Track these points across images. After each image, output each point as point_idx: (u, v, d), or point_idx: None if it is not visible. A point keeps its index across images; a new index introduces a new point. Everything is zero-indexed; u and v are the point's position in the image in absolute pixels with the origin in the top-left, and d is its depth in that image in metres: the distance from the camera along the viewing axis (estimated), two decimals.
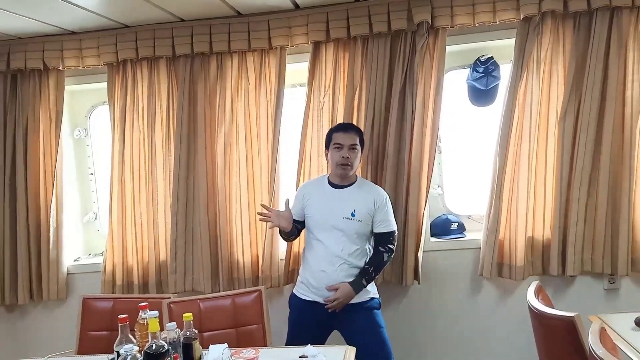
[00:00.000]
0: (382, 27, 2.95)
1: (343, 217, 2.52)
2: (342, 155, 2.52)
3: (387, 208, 2.62)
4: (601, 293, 3.10)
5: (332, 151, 2.56)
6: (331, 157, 2.58)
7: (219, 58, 3.17)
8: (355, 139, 2.56)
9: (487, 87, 3.08)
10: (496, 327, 3.20)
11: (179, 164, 3.21)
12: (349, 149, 2.53)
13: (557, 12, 2.89)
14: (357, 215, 2.52)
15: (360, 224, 2.54)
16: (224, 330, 2.54)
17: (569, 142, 2.96)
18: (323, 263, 2.54)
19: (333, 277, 2.52)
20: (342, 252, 2.52)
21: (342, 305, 2.51)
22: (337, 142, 2.55)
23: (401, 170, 3.05)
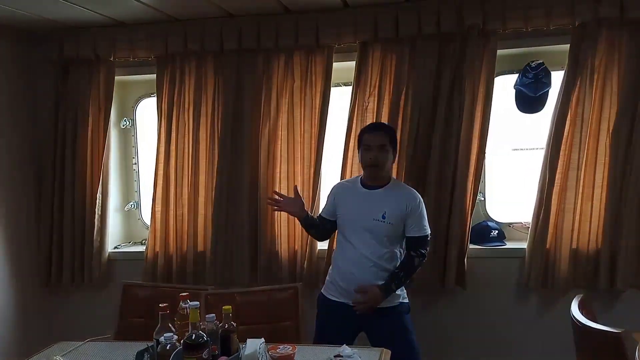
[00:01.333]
0: (432, 28, 2.92)
1: (373, 219, 2.47)
2: (370, 157, 2.48)
3: (420, 211, 2.54)
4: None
5: (362, 152, 2.53)
6: (361, 158, 2.56)
7: (266, 55, 3.19)
8: (384, 140, 2.50)
9: (536, 94, 3.01)
10: (534, 339, 3.12)
11: (222, 158, 3.25)
12: (378, 150, 2.48)
13: (614, 20, 2.80)
14: (387, 218, 2.47)
15: (391, 227, 2.49)
16: (258, 325, 2.55)
17: (622, 155, 2.87)
18: (352, 265, 2.51)
19: (361, 279, 2.48)
20: (372, 254, 2.49)
21: (371, 309, 2.47)
22: (367, 144, 2.50)
23: (446, 174, 3.01)
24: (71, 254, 3.46)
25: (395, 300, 2.54)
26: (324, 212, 2.70)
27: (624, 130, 2.85)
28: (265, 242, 3.25)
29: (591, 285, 2.96)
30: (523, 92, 3.04)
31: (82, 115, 3.42)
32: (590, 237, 2.97)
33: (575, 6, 2.83)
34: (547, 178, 2.95)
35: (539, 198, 3.00)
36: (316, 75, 3.14)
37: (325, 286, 2.67)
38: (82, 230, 3.45)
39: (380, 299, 2.47)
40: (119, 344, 2.34)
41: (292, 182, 3.21)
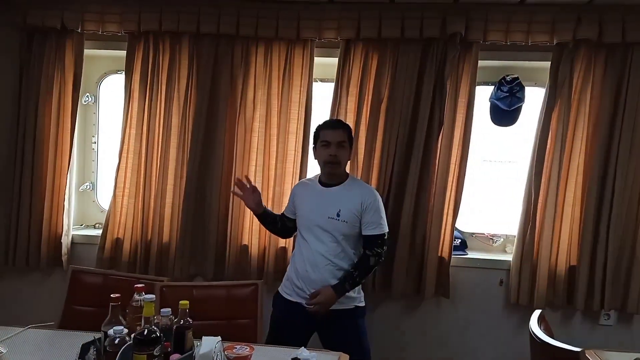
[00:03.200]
0: (414, 32, 2.90)
1: (328, 217, 2.43)
2: (330, 153, 2.42)
3: (376, 209, 2.47)
4: (595, 328, 3.08)
5: (320, 149, 2.46)
6: (319, 155, 2.49)
7: (245, 43, 3.09)
8: (343, 136, 2.45)
9: (510, 108, 3.02)
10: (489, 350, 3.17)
11: (194, 146, 3.14)
12: (337, 146, 2.43)
13: (591, 42, 2.84)
14: (342, 216, 2.42)
15: (346, 225, 2.43)
16: (214, 321, 2.45)
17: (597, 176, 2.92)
18: (307, 263, 2.46)
19: (317, 278, 2.44)
20: (327, 252, 2.44)
21: (325, 309, 2.40)
22: (325, 140, 2.44)
23: (426, 180, 3.00)
24: (26, 237, 3.27)
25: (351, 304, 2.50)
26: (286, 210, 2.69)
27: (599, 151, 2.90)
28: (236, 236, 3.17)
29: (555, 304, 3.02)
30: (498, 105, 3.05)
31: (47, 89, 3.22)
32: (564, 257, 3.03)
33: (555, 24, 2.87)
34: (532, 193, 2.97)
35: (525, 214, 3.02)
36: (296, 69, 3.07)
37: (282, 284, 2.61)
38: (39, 213, 3.27)
39: (333, 299, 2.40)
40: (64, 333, 2.20)
41: (266, 175, 3.15)
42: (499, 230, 3.31)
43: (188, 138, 3.16)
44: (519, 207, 3.06)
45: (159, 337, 1.74)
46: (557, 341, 2.15)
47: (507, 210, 3.31)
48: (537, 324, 2.31)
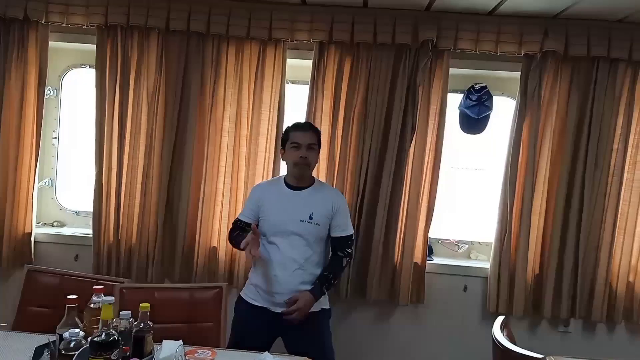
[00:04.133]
0: (386, 38, 2.91)
1: (300, 220, 2.40)
2: (301, 155, 2.39)
3: (345, 211, 2.52)
4: (554, 336, 3.16)
5: (290, 150, 2.43)
6: (288, 157, 2.45)
7: (216, 41, 3.04)
8: (313, 139, 2.44)
9: (479, 116, 3.06)
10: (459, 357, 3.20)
11: (164, 147, 3.08)
12: (307, 149, 2.41)
13: (558, 54, 2.91)
14: (315, 219, 2.41)
15: (318, 228, 2.43)
16: (176, 325, 2.39)
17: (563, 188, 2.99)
18: (277, 268, 2.41)
19: (286, 282, 2.40)
20: (298, 256, 2.41)
21: (303, 314, 2.38)
22: (295, 141, 2.41)
23: (399, 186, 3.02)
24: None
25: (317, 306, 2.48)
26: (244, 217, 2.53)
27: (565, 162, 2.97)
28: (205, 238, 3.11)
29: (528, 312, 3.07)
30: (467, 113, 3.08)
31: (9, 82, 3.10)
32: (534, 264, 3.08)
33: (523, 36, 2.93)
34: (507, 202, 3.01)
35: (501, 223, 3.05)
36: (267, 69, 3.04)
37: (245, 289, 2.55)
38: (3, 208, 3.14)
39: (312, 304, 2.40)
40: (17, 335, 2.10)
41: (235, 177, 3.11)
42: (464, 237, 3.34)
43: (156, 137, 3.09)
44: (494, 215, 3.09)
45: (117, 340, 1.69)
46: (519, 348, 2.17)
47: (473, 217, 3.35)
48: (500, 330, 2.33)
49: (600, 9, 2.76)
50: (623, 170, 2.97)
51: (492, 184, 3.30)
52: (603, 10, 2.77)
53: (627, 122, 2.95)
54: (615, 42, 2.86)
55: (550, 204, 3.02)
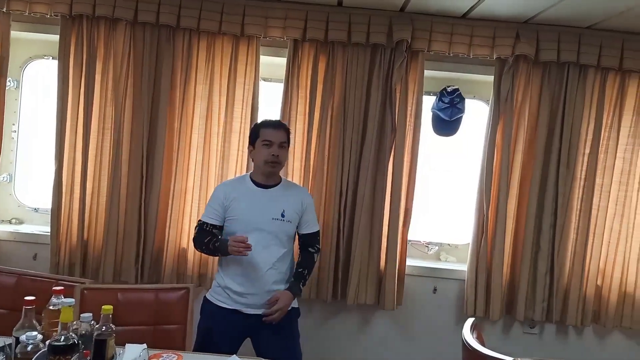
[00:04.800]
0: (361, 37, 2.90)
1: (272, 218, 2.36)
2: (272, 153, 2.35)
3: (313, 208, 2.55)
4: (520, 336, 3.20)
5: (261, 148, 2.37)
6: (258, 154, 2.39)
7: (187, 35, 2.96)
8: (284, 137, 2.41)
9: (451, 119, 3.08)
10: None
11: (132, 143, 2.98)
12: (279, 147, 2.38)
13: (530, 58, 2.94)
14: (287, 216, 2.39)
15: (290, 225, 2.41)
16: (141, 327, 2.31)
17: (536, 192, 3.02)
18: (249, 268, 2.36)
19: (258, 282, 2.36)
20: (270, 255, 2.37)
21: (284, 313, 2.36)
22: (267, 139, 2.36)
23: (380, 188, 3.00)
24: None
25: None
26: (211, 219, 2.42)
27: (536, 166, 3.00)
28: (174, 238, 3.02)
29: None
30: (439, 115, 3.09)
31: None
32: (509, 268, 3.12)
33: (495, 40, 2.95)
34: (483, 205, 3.02)
35: (478, 226, 3.06)
36: (240, 65, 2.98)
37: (212, 291, 2.47)
38: None
39: (291, 302, 2.41)
40: None
41: (206, 175, 3.03)
42: (434, 238, 3.35)
43: (125, 132, 2.98)
44: (471, 218, 3.10)
45: (76, 344, 1.61)
46: (488, 350, 2.17)
47: (442, 219, 3.36)
48: (470, 332, 2.33)
49: (570, 16, 2.80)
50: (595, 175, 3.02)
51: (462, 186, 3.33)
52: (573, 17, 2.82)
53: (598, 127, 3.00)
54: (585, 48, 2.92)
55: (523, 208, 3.05)
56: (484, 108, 3.28)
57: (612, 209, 3.07)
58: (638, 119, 3.02)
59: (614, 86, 3.02)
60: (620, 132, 3.04)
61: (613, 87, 3.02)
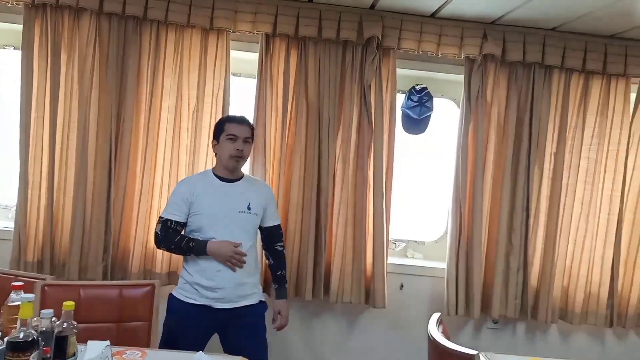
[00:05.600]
0: (331, 33, 2.90)
1: (239, 211, 2.39)
2: (237, 148, 2.38)
3: (274, 201, 2.63)
4: (484, 331, 3.24)
5: (225, 142, 2.39)
6: (223, 149, 2.41)
7: (155, 27, 2.89)
8: (248, 132, 2.44)
9: (420, 117, 3.11)
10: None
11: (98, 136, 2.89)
12: (244, 142, 2.41)
13: (497, 58, 3.00)
14: (253, 209, 2.43)
15: (256, 218, 2.45)
16: (104, 324, 2.28)
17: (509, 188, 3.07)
18: (220, 263, 2.35)
19: (231, 277, 2.36)
20: (240, 248, 2.36)
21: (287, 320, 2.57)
22: (232, 134, 2.39)
23: (361, 187, 3.01)
24: None
25: (257, 298, 2.48)
26: (175, 215, 2.38)
27: (508, 164, 3.05)
28: (142, 235, 2.93)
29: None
30: (408, 114, 3.12)
31: None
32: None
33: (463, 39, 2.99)
34: (460, 204, 3.05)
35: (454, 223, 3.08)
36: (210, 60, 2.93)
37: (179, 288, 2.44)
38: None
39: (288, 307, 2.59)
40: None
41: (175, 171, 2.97)
42: (401, 235, 3.36)
43: (91, 126, 2.89)
44: (449, 217, 3.13)
45: (36, 341, 1.56)
46: (453, 344, 2.21)
47: (409, 216, 3.39)
48: (436, 327, 2.36)
49: (535, 17, 2.87)
50: (562, 175, 3.08)
51: (427, 184, 3.37)
52: (538, 19, 2.88)
53: (563, 127, 3.07)
54: (549, 49, 2.98)
55: (496, 206, 3.08)
56: (452, 107, 3.33)
57: (577, 209, 3.13)
58: (602, 119, 3.10)
59: (578, 87, 3.10)
60: (584, 133, 3.11)
61: (577, 88, 3.10)
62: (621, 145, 3.11)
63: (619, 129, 3.11)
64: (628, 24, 2.83)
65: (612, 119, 3.10)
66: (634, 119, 3.13)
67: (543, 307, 3.08)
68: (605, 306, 3.13)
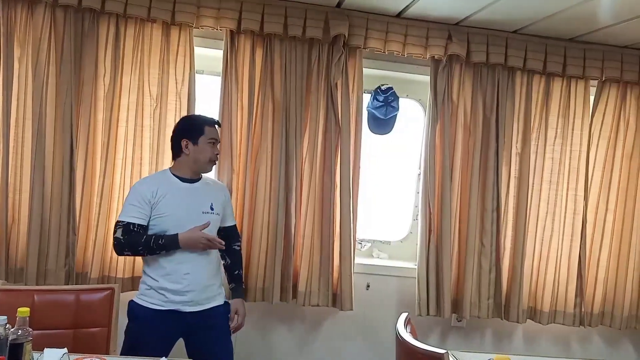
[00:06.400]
0: (297, 31, 2.86)
1: (203, 212, 2.36)
2: (216, 152, 2.44)
3: (230, 201, 2.65)
4: (448, 329, 3.27)
5: (206, 146, 2.38)
6: (202, 152, 2.37)
7: (114, 21, 2.78)
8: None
9: (386, 117, 3.11)
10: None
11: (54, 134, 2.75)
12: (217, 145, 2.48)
13: (462, 59, 3.03)
14: (215, 209, 2.42)
15: (218, 217, 2.45)
16: (61, 330, 2.19)
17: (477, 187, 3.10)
18: (186, 265, 2.30)
19: (197, 279, 2.33)
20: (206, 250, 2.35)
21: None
22: (213, 137, 2.41)
23: (328, 187, 2.98)
24: None
25: (221, 299, 2.48)
26: (137, 219, 2.28)
27: (476, 165, 3.08)
28: (102, 238, 2.80)
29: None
30: (374, 114, 3.12)
31: None
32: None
33: (428, 40, 3.01)
34: (429, 204, 3.05)
35: (424, 223, 3.08)
36: (172, 56, 2.84)
37: (141, 294, 2.36)
38: None
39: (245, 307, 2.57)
40: None
41: (137, 170, 2.85)
42: (366, 235, 3.35)
43: (47, 123, 2.74)
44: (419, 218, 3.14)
45: None
46: (421, 343, 2.21)
47: (375, 216, 3.39)
48: (404, 326, 2.36)
49: (498, 20, 2.91)
50: (528, 175, 3.13)
51: (394, 184, 3.39)
52: (500, 21, 2.93)
53: (527, 128, 3.13)
54: (512, 51, 3.04)
55: (465, 207, 3.10)
56: (416, 107, 3.35)
57: (544, 209, 3.19)
58: (563, 121, 3.17)
59: (540, 89, 3.16)
60: (547, 134, 3.17)
61: (539, 90, 3.16)
62: (582, 146, 3.20)
63: (579, 130, 3.19)
64: (586, 28, 2.92)
65: (573, 120, 3.19)
66: (593, 120, 3.22)
67: (514, 307, 3.12)
68: (573, 305, 3.20)
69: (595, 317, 3.25)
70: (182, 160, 2.39)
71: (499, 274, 3.12)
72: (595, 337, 3.38)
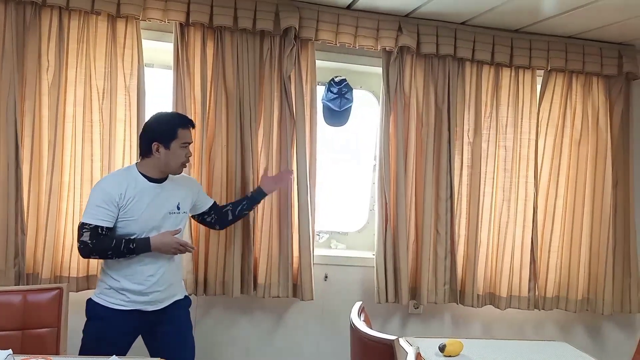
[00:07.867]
0: (247, 23, 2.84)
1: (169, 212, 2.34)
2: (189, 155, 2.37)
3: (201, 188, 2.66)
4: (406, 316, 3.33)
5: (179, 150, 2.30)
6: (175, 156, 2.30)
7: (56, 13, 2.68)
8: None
9: (341, 109, 3.13)
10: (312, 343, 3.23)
11: None
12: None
13: (413, 50, 3.07)
14: (182, 208, 2.40)
15: (185, 216, 2.44)
16: (6, 332, 2.13)
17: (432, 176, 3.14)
18: (151, 267, 2.28)
19: (163, 280, 2.32)
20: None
21: None
22: (187, 141, 2.34)
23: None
24: None
25: (184, 293, 2.50)
26: (105, 221, 2.20)
27: (430, 154, 3.12)
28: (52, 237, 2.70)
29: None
30: (329, 106, 3.13)
31: None
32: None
33: (379, 31, 3.04)
34: (385, 194, 3.08)
35: (380, 213, 3.10)
36: (119, 49, 2.78)
37: (101, 294, 2.31)
38: None
39: None
40: None
41: (89, 168, 2.77)
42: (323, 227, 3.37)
43: None
44: (375, 208, 3.16)
45: None
46: (375, 331, 2.24)
47: (332, 207, 3.41)
48: (358, 315, 2.39)
49: (446, 11, 2.96)
50: (480, 163, 3.20)
51: (350, 175, 3.42)
52: (448, 12, 2.98)
53: (478, 118, 3.19)
54: (460, 42, 3.09)
55: (420, 195, 3.15)
56: (371, 98, 3.38)
57: (500, 196, 3.26)
58: (514, 110, 3.25)
59: (489, 79, 3.23)
60: (498, 122, 3.24)
61: (488, 80, 3.23)
62: (531, 134, 3.29)
63: (528, 118, 3.28)
64: (531, 19, 2.99)
65: (522, 109, 3.27)
66: (540, 109, 3.31)
67: (469, 292, 3.18)
68: (527, 289, 3.28)
69: (549, 300, 3.34)
70: (151, 161, 2.31)
71: (454, 260, 3.18)
72: (549, 321, 3.47)
